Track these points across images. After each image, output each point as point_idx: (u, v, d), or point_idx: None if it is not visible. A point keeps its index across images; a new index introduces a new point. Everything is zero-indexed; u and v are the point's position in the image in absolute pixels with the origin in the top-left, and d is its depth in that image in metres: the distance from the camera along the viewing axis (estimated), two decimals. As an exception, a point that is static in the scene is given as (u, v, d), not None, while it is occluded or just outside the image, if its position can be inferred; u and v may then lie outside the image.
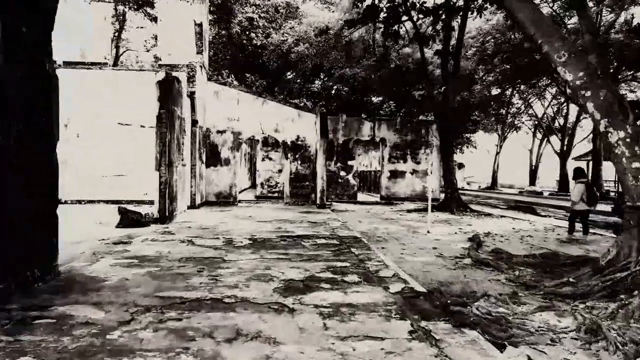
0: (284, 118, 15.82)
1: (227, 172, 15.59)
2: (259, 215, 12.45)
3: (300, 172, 16.01)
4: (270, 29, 33.00)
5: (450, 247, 8.24)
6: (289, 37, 30.90)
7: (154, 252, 6.73)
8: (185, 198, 12.15)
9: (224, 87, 15.58)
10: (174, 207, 10.69)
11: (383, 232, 10.15)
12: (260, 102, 15.74)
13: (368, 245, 7.70)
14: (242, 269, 5.67)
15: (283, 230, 9.44)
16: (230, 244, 7.57)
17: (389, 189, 20.01)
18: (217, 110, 15.54)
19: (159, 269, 5.64)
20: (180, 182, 11.51)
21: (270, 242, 7.84)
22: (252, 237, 8.31)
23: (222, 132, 15.62)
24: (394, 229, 10.71)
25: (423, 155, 20.07)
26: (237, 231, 9.16)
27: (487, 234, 10.06)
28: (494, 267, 6.39)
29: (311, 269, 5.74)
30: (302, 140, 15.96)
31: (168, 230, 9.08)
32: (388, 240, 8.88)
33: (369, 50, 29.26)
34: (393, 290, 4.83)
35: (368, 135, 19.90)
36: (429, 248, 8.10)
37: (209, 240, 7.97)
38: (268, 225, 10.23)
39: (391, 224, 11.62)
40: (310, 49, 30.06)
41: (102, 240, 7.87)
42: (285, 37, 30.88)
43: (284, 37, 30.88)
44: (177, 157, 11.02)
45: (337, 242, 7.94)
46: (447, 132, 15.42)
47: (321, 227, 9.97)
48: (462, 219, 13.34)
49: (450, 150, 15.41)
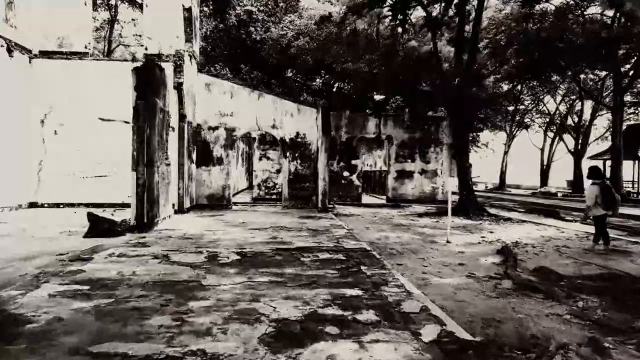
0: (283, 113, 14.45)
1: (219, 172, 14.22)
2: (253, 221, 11.08)
3: (300, 173, 14.64)
4: (269, 23, 31.65)
5: (478, 263, 6.86)
6: (288, 31, 29.52)
7: (115, 273, 5.36)
8: (170, 202, 10.79)
9: (216, 79, 14.21)
10: (154, 213, 9.32)
11: (395, 242, 8.77)
12: (256, 96, 14.37)
13: (381, 262, 6.32)
14: (222, 301, 4.30)
15: (279, 240, 8.06)
16: (214, 261, 6.20)
17: (396, 190, 18.62)
18: (208, 105, 14.18)
19: (112, 301, 4.27)
20: (164, 184, 10.16)
21: (262, 257, 6.47)
22: (241, 251, 6.94)
23: (214, 128, 14.24)
24: (407, 237, 9.32)
25: (432, 154, 18.68)
26: (226, 242, 7.78)
27: (516, 244, 8.67)
28: (546, 293, 5.00)
29: (312, 299, 4.37)
30: (302, 137, 14.59)
31: (143, 242, 7.71)
32: (403, 254, 7.49)
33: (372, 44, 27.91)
34: (427, 337, 3.46)
35: (373, 132, 18.51)
36: (454, 264, 6.72)
37: (189, 255, 6.60)
38: (262, 234, 8.86)
39: (403, 232, 10.24)
40: (311, 43, 28.67)
41: (60, 255, 6.50)
42: (285, 30, 29.49)
43: (283, 30, 29.50)
44: (159, 156, 9.66)
45: (343, 257, 6.56)
46: (461, 128, 14.03)
47: (323, 236, 8.59)
48: (482, 224, 11.95)
49: (464, 148, 14.03)
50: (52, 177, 13.66)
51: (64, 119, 13.70)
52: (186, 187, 12.68)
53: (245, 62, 30.70)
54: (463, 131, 14.06)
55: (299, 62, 30.01)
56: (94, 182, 13.77)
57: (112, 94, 13.25)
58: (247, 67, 28.41)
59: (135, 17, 31.06)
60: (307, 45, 28.44)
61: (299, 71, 33.48)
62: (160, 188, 9.80)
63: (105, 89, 13.38)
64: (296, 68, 32.24)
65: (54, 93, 13.59)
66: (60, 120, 13.71)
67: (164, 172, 10.23)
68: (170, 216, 10.85)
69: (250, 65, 30.17)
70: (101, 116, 13.62)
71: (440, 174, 18.62)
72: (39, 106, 13.55)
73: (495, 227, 11.39)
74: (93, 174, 13.79)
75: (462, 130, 14.03)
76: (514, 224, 12.23)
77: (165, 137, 10.34)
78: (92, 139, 13.57)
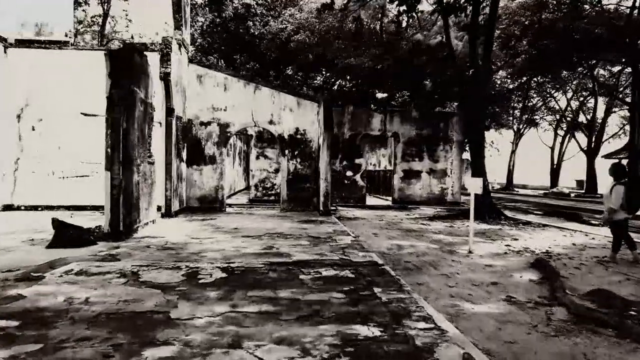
0: (281, 107, 13.28)
1: (212, 172, 13.06)
2: (247, 226, 9.92)
3: (299, 172, 13.47)
4: (268, 17, 30.50)
5: (514, 281, 5.69)
6: (288, 25, 28.36)
7: (62, 300, 4.22)
8: (154, 205, 9.65)
9: (208, 70, 13.04)
10: (133, 218, 8.17)
11: (410, 252, 7.60)
12: (252, 89, 13.21)
13: (398, 281, 5.16)
14: (190, 346, 3.15)
15: (274, 251, 6.91)
16: (193, 280, 5.05)
17: (403, 191, 17.44)
18: (200, 98, 13.03)
19: (38, 348, 3.11)
20: (146, 185, 9.01)
21: (253, 275, 5.31)
22: (228, 266, 5.78)
23: (207, 124, 13.09)
24: (423, 247, 8.15)
25: (441, 153, 17.50)
26: (212, 253, 6.63)
27: (548, 255, 7.51)
28: (618, 329, 3.84)
29: (314, 345, 3.21)
30: (302, 134, 13.43)
31: (115, 253, 6.56)
32: (422, 269, 6.32)
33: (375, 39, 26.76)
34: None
35: (378, 129, 17.34)
36: (486, 283, 5.55)
37: (165, 271, 5.44)
38: (256, 242, 7.70)
39: (417, 239, 9.07)
40: (311, 37, 27.53)
41: (8, 272, 5.36)
42: (285, 24, 28.33)
43: (283, 24, 28.35)
44: (139, 153, 8.52)
45: (351, 275, 5.41)
46: (477, 123, 12.83)
47: (326, 246, 7.43)
48: (502, 230, 10.77)
49: (480, 146, 12.84)
50: (30, 177, 12.53)
51: (43, 113, 12.58)
52: (174, 188, 11.53)
53: (242, 57, 29.55)
54: (479, 127, 12.87)
55: (299, 58, 28.87)
56: (75, 183, 12.64)
57: (96, 87, 12.05)
58: (242, 57, 26.96)
59: (126, 8, 29.92)
60: (308, 40, 27.30)
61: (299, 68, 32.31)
62: (141, 189, 8.65)
63: (88, 81, 12.21)
64: (296, 64, 31.07)
65: (31, 85, 12.47)
66: (39, 115, 12.58)
67: (147, 171, 9.08)
68: (154, 221, 9.71)
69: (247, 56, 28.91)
70: (84, 111, 12.46)
71: (450, 173, 17.45)
72: (15, 100, 12.42)
73: (517, 233, 10.22)
74: (74, 174, 12.66)
75: (478, 125, 12.83)
76: (536, 229, 11.06)
77: (147, 132, 9.20)
78: (74, 135, 12.44)
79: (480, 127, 12.97)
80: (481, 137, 12.96)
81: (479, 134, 12.99)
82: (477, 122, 12.81)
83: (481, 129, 13.01)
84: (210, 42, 31.69)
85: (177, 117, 11.76)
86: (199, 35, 31.08)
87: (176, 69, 11.66)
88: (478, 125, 12.79)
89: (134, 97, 8.14)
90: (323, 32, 27.03)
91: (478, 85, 12.39)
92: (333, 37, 27.24)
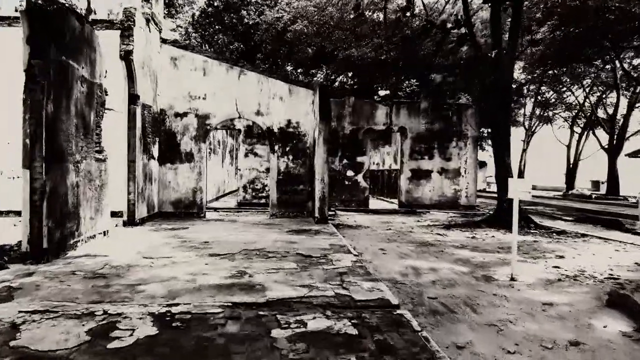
0: (270, 95, 11.34)
1: (189, 171, 11.13)
2: (222, 238, 7.98)
3: (292, 172, 11.53)
4: (263, 6, 28.57)
5: (599, 336, 3.75)
6: (284, 14, 26.44)
7: None
8: (105, 212, 7.71)
9: (184, 52, 11.10)
10: (66, 232, 6.25)
11: (432, 280, 5.65)
12: (237, 74, 11.26)
13: (427, 344, 3.21)
14: None
15: (245, 281, 4.96)
16: (98, 344, 3.12)
17: (410, 193, 15.48)
18: (175, 85, 11.10)
19: None
20: (91, 187, 7.09)
21: (199, 331, 3.38)
22: (167, 311, 3.85)
23: (182, 115, 11.15)
24: (447, 270, 6.18)
25: (454, 150, 15.53)
26: (155, 286, 4.69)
27: (617, 283, 5.55)
28: None
29: None
30: (295, 126, 11.48)
31: (17, 285, 4.63)
32: (456, 313, 4.36)
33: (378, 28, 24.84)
34: None
35: (383, 123, 15.37)
36: (561, 343, 3.60)
37: (65, 323, 3.52)
38: (224, 265, 5.75)
39: (437, 258, 7.10)
40: (310, 27, 25.60)
41: None
42: (281, 13, 26.41)
43: (279, 13, 26.43)
44: (79, 147, 6.60)
45: (352, 330, 3.48)
46: (503, 114, 10.82)
47: (319, 271, 5.48)
48: (538, 242, 8.79)
49: (505, 140, 10.84)
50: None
51: (-11, 102, 10.63)
52: (140, 190, 9.60)
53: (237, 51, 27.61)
54: (504, 118, 10.87)
55: (298, 50, 26.98)
56: (17, 183, 10.68)
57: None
58: (223, 36, 24.82)
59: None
60: (306, 30, 25.41)
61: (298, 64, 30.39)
62: (82, 193, 6.73)
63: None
64: (294, 57, 29.11)
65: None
66: (-16, 104, 10.63)
67: (92, 170, 7.16)
68: (106, 232, 7.78)
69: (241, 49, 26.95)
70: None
71: (463, 173, 15.49)
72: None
73: (558, 247, 8.25)
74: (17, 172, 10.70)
75: (504, 116, 10.83)
76: (577, 241, 9.09)
77: (94, 120, 7.27)
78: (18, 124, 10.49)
79: (506, 120, 10.98)
80: (505, 132, 10.97)
81: (503, 129, 10.99)
82: (503, 115, 10.80)
83: (506, 123, 11.02)
84: (203, 34, 29.83)
85: (144, 106, 9.83)
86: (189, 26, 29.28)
87: (142, 47, 9.73)
88: (504, 117, 10.79)
89: (67, 72, 6.21)
90: (322, 22, 25.16)
91: (502, 69, 10.44)
92: (333, 27, 25.38)
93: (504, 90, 10.70)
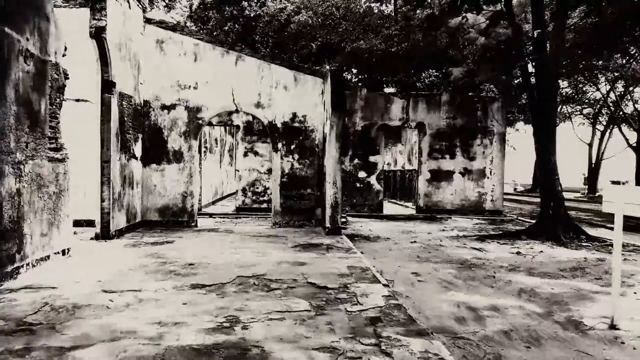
0: (272, 85, 9.73)
1: (177, 173, 9.54)
2: (212, 259, 6.36)
3: (297, 174, 9.91)
4: (266, -2, 26.99)
5: None
6: (288, 5, 24.90)
7: None
8: (64, 225, 6.13)
9: (172, 33, 9.50)
10: (3, 254, 4.66)
11: (503, 330, 4.02)
12: (234, 59, 9.66)
13: None
14: None
15: (235, 341, 3.33)
16: None
17: (430, 196, 13.83)
18: (161, 72, 9.51)
19: None
20: (42, 194, 5.51)
21: None
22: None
23: (170, 107, 9.56)
24: (516, 311, 4.54)
25: (479, 148, 13.86)
26: (99, 351, 3.08)
27: None
28: None
29: None
30: (301, 121, 9.87)
31: None
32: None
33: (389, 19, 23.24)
34: None
35: (399, 118, 13.72)
36: None
37: None
38: (209, 306, 4.13)
39: (492, 289, 5.46)
40: (314, 19, 24.04)
41: None
42: (284, 4, 24.87)
43: (282, 4, 24.89)
44: (19, 143, 5.03)
45: None
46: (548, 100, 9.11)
47: (341, 315, 3.86)
48: (603, 261, 7.13)
49: (549, 135, 9.14)
50: None
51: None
52: (116, 196, 8.01)
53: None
54: (550, 109, 9.21)
55: (302, 44, 25.40)
56: None
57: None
58: (218, 14, 23.20)
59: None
60: (311, 21, 23.85)
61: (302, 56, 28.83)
62: (27, 203, 5.15)
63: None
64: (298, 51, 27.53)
65: None
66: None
67: (44, 172, 5.57)
68: (67, 251, 6.20)
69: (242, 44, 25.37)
70: None
71: (489, 174, 13.82)
72: None
73: (634, 269, 6.60)
74: None
75: (550, 107, 9.14)
76: (648, 258, 7.43)
77: (48, 108, 5.68)
78: None
79: (551, 108, 9.30)
80: (552, 123, 9.29)
81: (549, 120, 9.30)
82: (547, 101, 9.11)
83: (551, 111, 9.33)
84: (201, 27, 28.31)
85: (122, 95, 8.24)
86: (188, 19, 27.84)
87: (120, 25, 8.14)
88: (548, 105, 9.10)
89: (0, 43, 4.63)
90: (328, 12, 23.63)
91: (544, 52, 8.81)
92: (339, 18, 23.83)
93: (552, 75, 9.03)
